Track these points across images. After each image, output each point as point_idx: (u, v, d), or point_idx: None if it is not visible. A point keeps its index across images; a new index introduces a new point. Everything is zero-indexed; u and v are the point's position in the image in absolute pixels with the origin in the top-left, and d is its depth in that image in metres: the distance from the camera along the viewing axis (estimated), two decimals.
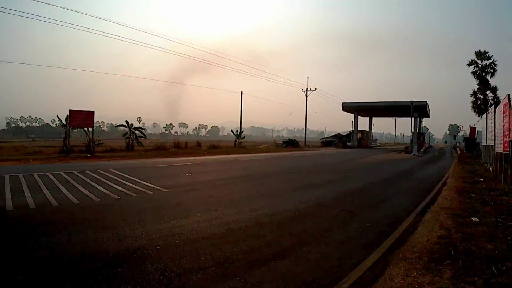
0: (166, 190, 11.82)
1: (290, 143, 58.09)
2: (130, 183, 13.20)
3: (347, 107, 68.14)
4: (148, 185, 12.69)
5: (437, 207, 9.65)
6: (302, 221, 7.78)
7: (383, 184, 14.28)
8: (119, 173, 15.98)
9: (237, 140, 50.91)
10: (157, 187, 12.33)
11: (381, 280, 4.75)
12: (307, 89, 65.92)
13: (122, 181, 13.67)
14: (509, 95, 13.96)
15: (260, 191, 11.49)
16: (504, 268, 5.26)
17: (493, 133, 18.54)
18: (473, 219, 8.26)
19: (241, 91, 55.98)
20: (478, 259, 5.56)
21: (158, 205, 9.46)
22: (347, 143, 66.45)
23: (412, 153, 42.64)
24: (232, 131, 53.80)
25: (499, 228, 7.52)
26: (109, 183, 13.09)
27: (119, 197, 10.49)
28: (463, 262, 5.41)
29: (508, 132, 13.72)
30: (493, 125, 18.65)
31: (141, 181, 13.50)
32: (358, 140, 68.47)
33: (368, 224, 7.68)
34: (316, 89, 65.84)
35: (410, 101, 53.02)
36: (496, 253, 5.90)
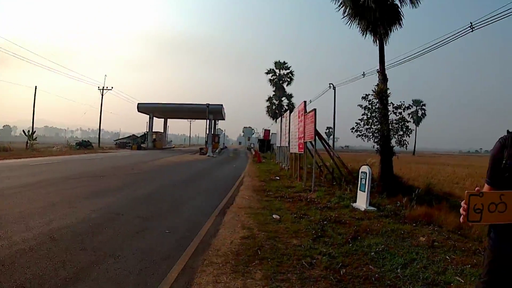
0: None
1: (84, 145, 54.48)
2: None
3: (142, 108, 66.72)
4: None
5: (236, 207, 9.80)
6: (98, 233, 6.78)
7: (180, 187, 13.85)
8: None
9: (28, 141, 44.85)
10: None
11: None
12: (103, 87, 62.14)
13: None
14: (305, 101, 15.13)
15: (51, 200, 9.67)
16: (314, 261, 5.53)
17: (287, 135, 20.05)
18: (274, 216, 8.64)
19: (35, 86, 49.24)
20: (286, 256, 5.71)
21: None
22: (142, 145, 65.36)
23: (207, 154, 44.08)
24: (23, 131, 47.13)
25: (301, 224, 7.96)
26: None
27: None
28: (272, 260, 5.48)
29: (302, 135, 14.77)
30: (287, 128, 20.17)
31: None
32: (153, 142, 68.04)
33: (167, 231, 7.15)
34: (112, 88, 62.27)
35: (206, 104, 54.90)
36: (303, 247, 6.20)
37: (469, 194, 2.12)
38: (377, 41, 17.20)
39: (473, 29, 13.84)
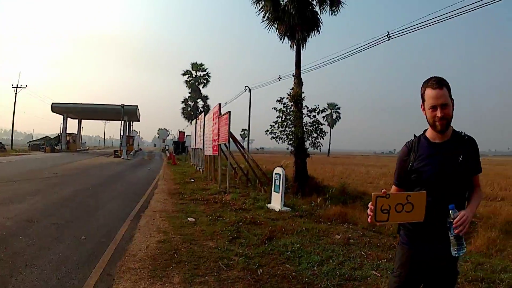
0: None
1: None
2: None
3: (56, 108, 62.52)
4: None
5: (151, 211, 9.41)
6: (12, 243, 6.15)
7: (94, 191, 12.96)
8: None
9: None
10: None
11: None
12: (17, 85, 57.52)
13: None
14: (219, 104, 14.89)
15: None
16: (231, 262, 5.41)
17: (202, 137, 19.68)
18: (190, 219, 8.38)
19: None
20: (203, 258, 5.57)
21: None
22: (56, 147, 61.17)
23: (122, 157, 42.21)
24: None
25: (217, 226, 7.74)
26: None
27: None
28: (189, 263, 5.33)
29: (217, 137, 14.50)
30: (202, 130, 19.82)
31: None
32: (67, 144, 64.02)
33: (82, 238, 6.64)
34: (27, 86, 58.19)
35: (121, 105, 52.52)
36: (219, 249, 6.06)
37: (376, 196, 2.20)
38: (295, 46, 17.44)
39: (390, 37, 14.42)
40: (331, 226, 7.92)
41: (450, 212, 2.19)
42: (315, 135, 17.00)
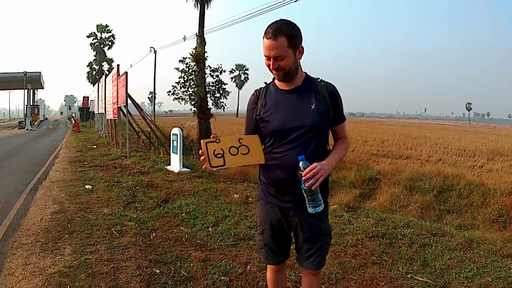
0: None
1: None
2: None
3: None
4: None
5: (49, 182, 8.70)
6: None
7: None
8: None
9: None
10: None
11: (1, 279, 3.78)
12: None
13: None
14: (118, 65, 14.12)
15: None
16: (124, 228, 5.20)
17: (104, 101, 18.74)
18: (87, 187, 7.94)
19: None
20: (96, 226, 5.29)
21: None
22: None
23: (26, 128, 38.99)
24: None
25: (113, 191, 7.38)
26: None
27: None
28: (81, 232, 5.04)
29: (116, 100, 13.82)
30: (103, 94, 18.87)
31: None
32: None
33: None
34: None
35: (24, 72, 47.86)
36: (114, 215, 5.80)
37: (205, 142, 2.15)
38: (199, 5, 16.99)
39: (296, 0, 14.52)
40: (230, 185, 7.90)
41: (300, 164, 2.04)
42: (217, 94, 16.97)
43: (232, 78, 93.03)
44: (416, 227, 5.27)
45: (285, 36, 2.06)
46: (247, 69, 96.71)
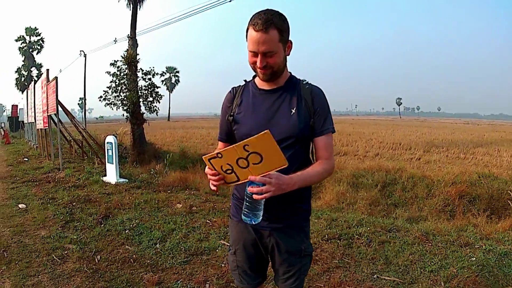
0: None
1: None
2: None
3: None
4: None
5: None
6: None
7: None
8: None
9: None
10: None
11: None
12: None
13: None
14: (48, 70, 13.19)
15: None
16: (65, 252, 4.61)
17: (33, 109, 17.51)
18: (20, 206, 7.14)
19: None
20: (35, 252, 4.66)
21: None
22: None
23: None
24: None
25: (49, 210, 6.69)
26: None
27: None
28: (20, 261, 4.38)
29: (46, 108, 12.88)
30: (33, 101, 17.63)
31: None
32: None
33: None
34: None
35: None
36: (52, 238, 5.15)
37: (207, 158, 1.72)
38: (131, 5, 16.41)
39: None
40: (171, 195, 7.49)
41: None
42: (150, 98, 16.50)
43: (163, 81, 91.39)
44: (369, 224, 5.26)
45: (277, 28, 1.77)
46: (177, 72, 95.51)
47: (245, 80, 2.09)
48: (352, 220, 5.45)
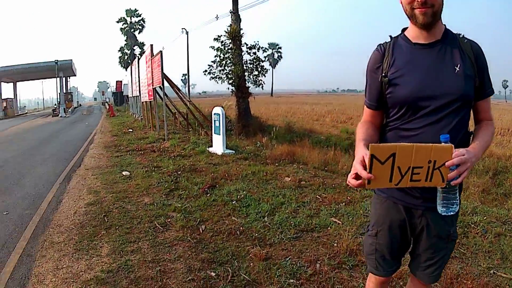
0: None
1: None
2: None
3: None
4: None
5: (83, 169, 8.18)
6: None
7: (25, 155, 11.16)
8: None
9: None
10: None
11: (28, 287, 3.23)
12: None
13: None
14: (151, 45, 13.67)
15: None
16: (168, 220, 4.57)
17: (138, 83, 18.51)
18: (124, 173, 7.36)
19: None
20: (136, 219, 4.67)
21: None
22: None
23: (60, 115, 39.56)
24: None
25: (153, 178, 6.78)
26: None
27: None
28: (120, 227, 4.42)
29: (151, 81, 13.40)
30: (137, 76, 18.62)
31: None
32: (4, 110, 58.72)
33: (5, 213, 5.39)
34: None
35: (55, 60, 48.63)
36: (156, 205, 5.18)
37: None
38: None
39: None
40: (279, 168, 7.20)
41: None
42: (256, 72, 16.43)
43: (265, 57, 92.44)
44: (484, 213, 4.52)
45: None
46: (280, 48, 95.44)
47: (390, 36, 1.75)
48: (466, 207, 4.75)
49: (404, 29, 1.72)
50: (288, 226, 4.16)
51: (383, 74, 1.67)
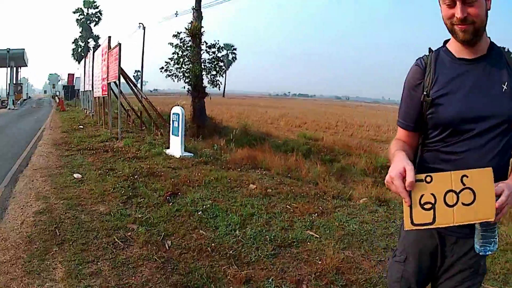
0: None
1: None
2: None
3: None
4: None
5: (31, 170, 7.44)
6: None
7: None
8: None
9: None
10: None
11: None
12: None
13: None
14: (109, 37, 13.02)
15: None
16: (129, 234, 4.04)
17: (91, 77, 17.71)
18: (75, 175, 6.71)
19: None
20: (93, 232, 4.11)
21: None
22: None
23: (8, 107, 37.36)
24: None
25: (108, 182, 6.18)
26: None
27: None
28: (75, 242, 3.83)
29: (106, 76, 12.75)
30: (91, 69, 17.81)
31: None
32: None
33: None
34: None
35: (7, 49, 45.95)
36: (113, 215, 4.62)
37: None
38: None
39: None
40: (242, 173, 6.90)
41: None
42: (214, 72, 16.19)
43: (219, 57, 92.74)
44: None
45: None
46: (235, 49, 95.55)
47: (430, 49, 1.59)
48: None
49: (446, 41, 1.56)
50: (264, 241, 3.86)
51: (425, 93, 1.51)
